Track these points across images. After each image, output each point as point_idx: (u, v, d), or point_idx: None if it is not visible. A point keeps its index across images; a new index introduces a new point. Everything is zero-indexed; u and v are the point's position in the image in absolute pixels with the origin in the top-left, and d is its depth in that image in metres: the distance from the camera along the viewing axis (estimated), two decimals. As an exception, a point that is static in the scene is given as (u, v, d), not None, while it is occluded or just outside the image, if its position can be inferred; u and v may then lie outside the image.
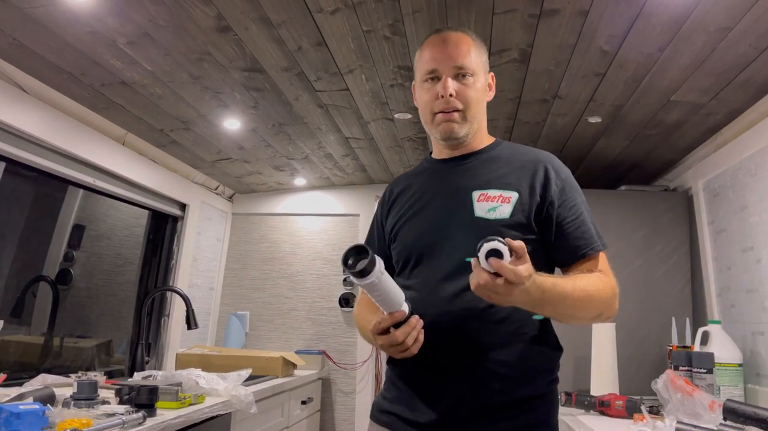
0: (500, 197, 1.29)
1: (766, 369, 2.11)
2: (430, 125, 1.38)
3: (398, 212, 1.43)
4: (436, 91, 1.31)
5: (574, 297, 1.17)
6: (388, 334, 1.18)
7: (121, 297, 3.22)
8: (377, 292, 1.15)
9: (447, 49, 1.32)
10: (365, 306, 1.45)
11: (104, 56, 1.92)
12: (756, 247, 2.17)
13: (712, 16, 1.60)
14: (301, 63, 2.00)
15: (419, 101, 1.41)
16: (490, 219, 1.27)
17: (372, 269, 1.11)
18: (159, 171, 2.94)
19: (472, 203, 1.29)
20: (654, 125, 2.44)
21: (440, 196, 1.36)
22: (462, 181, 1.34)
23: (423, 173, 1.47)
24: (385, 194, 1.52)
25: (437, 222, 1.33)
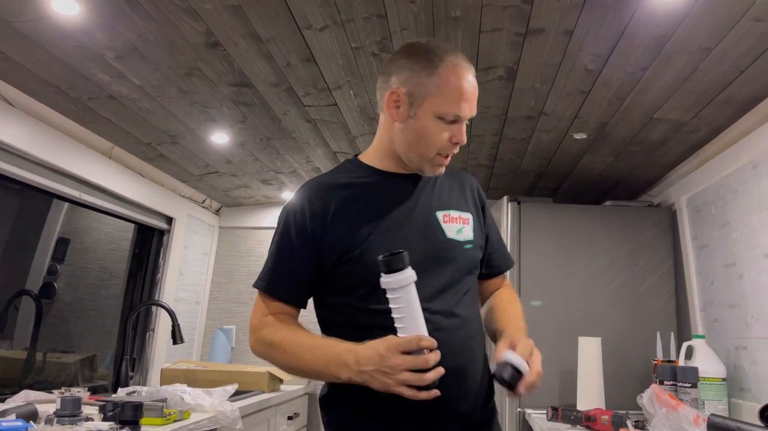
0: (460, 218, 1.31)
1: (749, 384, 2.13)
2: (422, 160, 1.27)
3: (351, 233, 1.24)
4: (452, 135, 1.24)
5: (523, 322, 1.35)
6: (412, 355, 1.06)
7: (105, 311, 3.19)
8: (407, 303, 1.06)
9: (474, 96, 1.26)
10: (291, 331, 1.24)
11: (92, 70, 1.92)
12: (738, 262, 2.21)
13: (693, 37, 1.64)
14: (290, 78, 2.01)
15: (423, 133, 1.25)
16: (460, 241, 1.30)
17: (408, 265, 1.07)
18: (145, 185, 2.93)
19: (440, 224, 1.29)
20: (638, 142, 2.48)
21: (406, 214, 1.28)
22: (424, 200, 1.31)
23: (368, 184, 1.31)
24: (315, 205, 1.28)
25: (406, 242, 1.21)
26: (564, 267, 2.79)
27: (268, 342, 1.25)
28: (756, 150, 2.06)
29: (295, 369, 1.25)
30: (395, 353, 1.06)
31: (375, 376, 1.08)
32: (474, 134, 2.54)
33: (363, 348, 1.12)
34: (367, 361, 1.09)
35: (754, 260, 2.09)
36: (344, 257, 1.23)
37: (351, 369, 1.12)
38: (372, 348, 1.10)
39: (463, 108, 1.23)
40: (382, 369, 1.07)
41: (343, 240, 1.24)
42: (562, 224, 2.83)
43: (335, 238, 1.25)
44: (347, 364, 1.12)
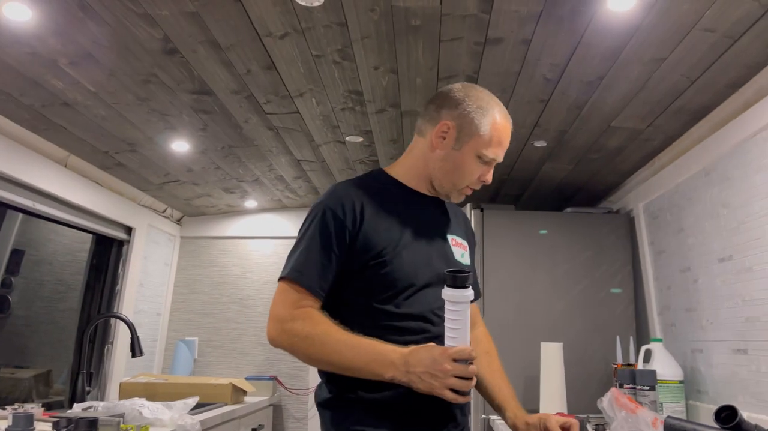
0: (462, 245, 1.47)
1: (705, 386, 2.19)
2: (452, 188, 1.42)
3: (382, 237, 1.33)
4: (482, 174, 1.40)
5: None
6: (460, 364, 1.18)
7: (61, 325, 3.10)
8: (463, 317, 1.19)
9: (507, 145, 1.42)
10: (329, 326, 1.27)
11: (45, 77, 1.87)
12: (693, 267, 2.26)
13: (646, 47, 1.68)
14: (251, 86, 1.99)
15: (459, 166, 1.38)
16: (463, 263, 1.43)
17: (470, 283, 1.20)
18: (103, 194, 2.86)
19: (450, 246, 1.42)
20: (596, 150, 2.53)
21: (429, 231, 1.41)
22: (439, 222, 1.45)
23: (398, 197, 1.42)
24: (348, 208, 1.34)
25: (430, 257, 1.36)
26: (526, 273, 2.82)
27: (303, 334, 1.26)
28: (708, 158, 2.12)
29: (329, 364, 1.28)
30: (447, 359, 1.17)
31: (423, 377, 1.18)
32: (436, 142, 2.55)
33: (410, 351, 1.20)
34: (418, 363, 1.18)
35: (708, 264, 2.15)
36: (373, 260, 1.31)
37: (398, 369, 1.20)
38: (425, 352, 1.19)
39: (499, 153, 1.39)
40: (432, 372, 1.17)
41: (376, 243, 1.32)
42: (525, 231, 2.87)
43: (369, 240, 1.32)
44: (394, 364, 1.20)
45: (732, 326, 1.99)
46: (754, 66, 1.75)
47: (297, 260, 1.32)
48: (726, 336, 2.03)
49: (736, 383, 1.97)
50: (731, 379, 2.00)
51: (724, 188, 2.03)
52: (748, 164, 1.89)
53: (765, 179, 1.80)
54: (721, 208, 2.05)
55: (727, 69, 1.77)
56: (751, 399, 1.88)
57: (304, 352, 1.28)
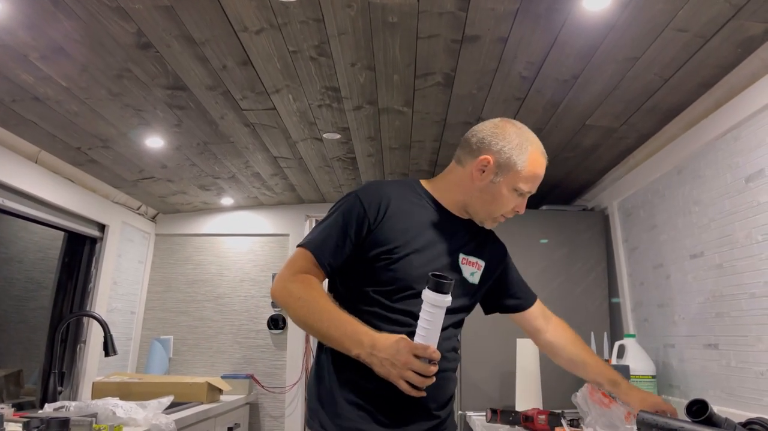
0: (477, 264, 1.55)
1: (677, 380, 2.22)
2: (488, 217, 1.52)
3: (402, 236, 1.44)
4: (516, 205, 1.51)
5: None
6: (420, 360, 1.26)
7: (32, 324, 3.04)
8: (436, 320, 1.26)
9: (540, 181, 1.52)
10: (321, 295, 1.40)
11: (15, 71, 1.83)
12: (665, 263, 2.30)
13: (620, 47, 1.70)
14: (227, 82, 1.97)
15: (497, 197, 1.48)
16: (470, 282, 1.53)
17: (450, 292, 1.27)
18: (76, 191, 2.81)
19: (459, 264, 1.51)
20: (572, 148, 2.56)
21: (441, 245, 1.49)
22: (454, 239, 1.52)
23: (424, 209, 1.52)
24: (373, 203, 1.46)
25: (440, 270, 1.41)
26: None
27: (297, 295, 1.38)
28: (680, 156, 2.16)
29: (309, 327, 1.39)
30: (409, 353, 1.25)
31: (384, 364, 1.27)
32: (414, 140, 2.56)
33: (381, 337, 1.29)
34: (383, 349, 1.27)
35: (680, 261, 2.18)
36: (384, 255, 1.42)
37: (364, 349, 1.29)
38: (391, 340, 1.28)
39: (533, 188, 1.50)
40: (392, 360, 1.26)
41: (390, 239, 1.43)
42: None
43: (384, 235, 1.43)
44: (362, 343, 1.29)
45: (703, 321, 2.03)
46: (725, 66, 1.78)
47: (316, 234, 1.46)
48: (697, 331, 2.07)
49: (706, 377, 2.01)
50: (702, 374, 2.04)
51: (696, 186, 2.07)
52: (719, 162, 1.93)
53: (735, 177, 1.84)
54: (692, 205, 2.09)
55: (699, 69, 1.80)
56: (721, 393, 1.92)
57: (293, 311, 1.39)
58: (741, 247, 1.81)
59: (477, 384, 2.73)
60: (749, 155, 1.77)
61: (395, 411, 1.40)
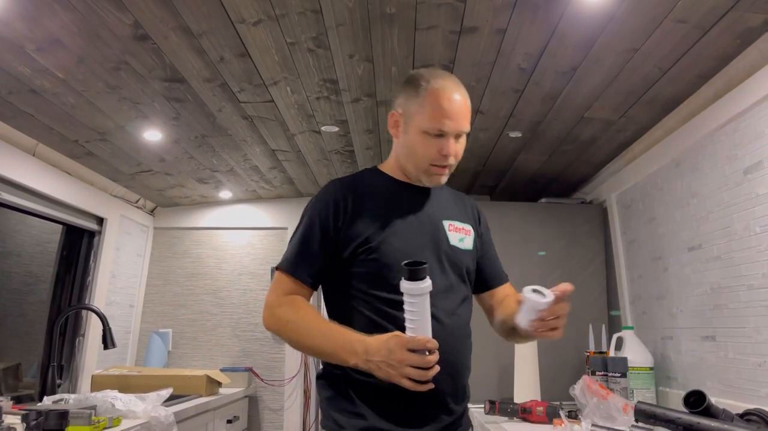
0: (463, 230, 1.50)
1: (675, 372, 2.23)
2: (419, 171, 1.44)
3: (369, 226, 1.40)
4: (440, 148, 1.40)
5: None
6: (416, 354, 1.22)
7: (31, 318, 3.04)
8: (421, 308, 1.21)
9: (458, 113, 1.40)
10: (309, 313, 1.38)
11: (12, 63, 1.82)
12: (663, 256, 2.30)
13: (619, 38, 1.70)
14: (224, 74, 1.97)
15: (413, 147, 1.42)
16: (461, 249, 1.47)
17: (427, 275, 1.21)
18: (74, 184, 2.80)
19: (446, 231, 1.46)
20: (570, 141, 2.55)
21: (416, 220, 1.44)
22: (432, 210, 1.48)
23: (386, 190, 1.48)
24: (339, 202, 1.43)
25: (419, 244, 1.41)
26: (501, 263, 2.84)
27: (285, 319, 1.39)
28: (678, 149, 2.16)
29: (305, 347, 1.40)
30: (402, 349, 1.22)
31: (381, 366, 1.24)
32: (412, 132, 2.55)
33: (373, 341, 1.26)
34: (376, 352, 1.25)
35: (678, 253, 2.18)
36: (361, 248, 1.38)
37: (359, 357, 1.27)
38: (382, 341, 1.25)
39: (445, 124, 1.38)
40: (388, 361, 1.23)
41: (361, 231, 1.39)
42: (500, 221, 2.89)
43: (354, 230, 1.40)
44: (356, 352, 1.27)
45: (701, 313, 2.03)
46: (724, 57, 1.77)
47: (289, 252, 1.46)
48: (695, 323, 2.08)
49: (704, 369, 2.02)
50: (700, 365, 2.04)
51: (694, 178, 2.07)
52: (717, 154, 1.93)
53: (734, 169, 1.84)
54: (691, 197, 2.09)
55: (698, 60, 1.79)
56: (718, 385, 1.92)
57: (286, 336, 1.39)
58: (739, 239, 1.81)
59: (475, 376, 2.72)
60: (748, 146, 1.77)
61: (411, 406, 1.34)
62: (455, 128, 1.39)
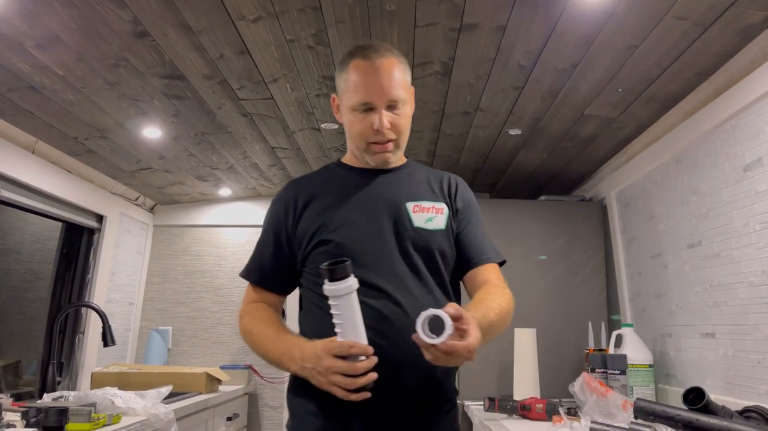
0: (433, 209, 1.38)
1: (674, 369, 2.23)
2: (361, 152, 1.38)
3: (319, 219, 1.34)
4: (371, 123, 1.31)
5: (498, 321, 1.26)
6: (345, 361, 1.11)
7: (30, 315, 3.04)
8: (346, 311, 1.10)
9: (380, 80, 1.30)
10: (263, 321, 1.35)
11: (11, 59, 1.82)
12: (663, 253, 2.30)
13: (619, 35, 1.70)
14: (224, 71, 1.96)
15: (350, 128, 1.36)
16: (430, 230, 1.35)
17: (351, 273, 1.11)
18: (73, 181, 2.80)
19: (409, 214, 1.35)
20: (570, 138, 2.55)
21: (371, 205, 1.35)
22: (391, 192, 1.38)
23: (339, 180, 1.42)
24: (289, 201, 1.40)
25: (374, 231, 1.32)
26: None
27: (247, 329, 1.37)
28: (678, 145, 2.15)
29: (262, 356, 1.34)
30: (329, 356, 1.13)
31: (312, 374, 1.17)
32: (413, 130, 2.53)
33: (308, 346, 1.19)
34: (308, 359, 1.17)
35: (677, 251, 2.19)
36: (315, 240, 1.33)
37: (297, 364, 1.20)
38: (313, 347, 1.17)
39: (365, 96, 1.30)
40: (318, 368, 1.15)
41: (312, 224, 1.34)
42: (499, 219, 2.89)
43: (307, 223, 1.35)
44: (294, 358, 1.21)
45: (700, 311, 2.03)
46: (724, 54, 1.77)
47: (251, 259, 1.46)
48: (694, 320, 2.08)
49: (704, 366, 2.02)
50: (699, 363, 2.05)
51: (694, 176, 2.07)
52: (717, 151, 1.93)
53: (733, 166, 1.84)
54: (690, 195, 2.09)
55: (698, 57, 1.79)
56: (718, 382, 1.92)
57: (250, 346, 1.37)
58: (739, 236, 1.81)
59: (475, 373, 2.73)
60: (748, 143, 1.77)
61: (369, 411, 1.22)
62: (381, 97, 1.30)
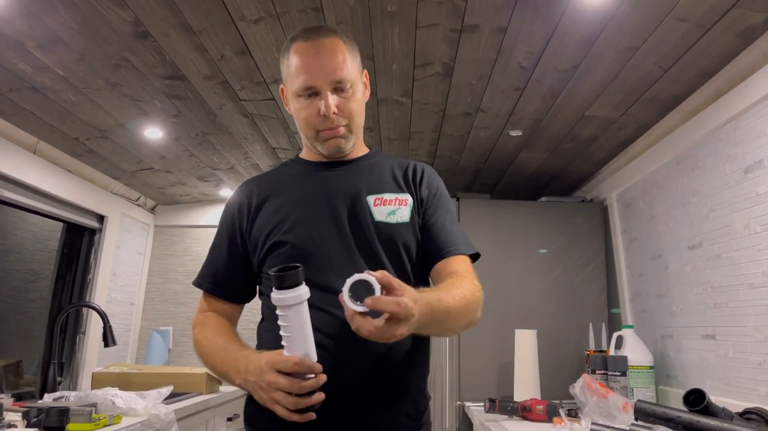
0: (396, 200, 1.27)
1: (674, 371, 2.23)
2: (311, 141, 1.28)
3: (273, 218, 1.25)
4: (317, 108, 1.22)
5: (457, 308, 1.10)
6: (292, 378, 0.99)
7: (31, 315, 3.04)
8: (294, 322, 0.97)
9: (322, 61, 1.21)
10: (213, 331, 1.25)
11: (12, 60, 1.82)
12: (664, 254, 2.30)
13: (620, 36, 1.69)
14: (225, 71, 1.96)
15: (297, 116, 1.27)
16: (393, 223, 1.24)
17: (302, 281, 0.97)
18: (74, 181, 2.81)
19: (369, 207, 1.25)
20: (571, 139, 2.55)
21: (329, 200, 1.26)
22: (351, 186, 1.28)
23: (297, 176, 1.33)
24: (243, 202, 1.31)
25: (332, 228, 1.22)
26: (501, 261, 2.85)
27: (196, 340, 1.27)
28: (679, 147, 2.15)
29: (211, 369, 1.23)
30: (271, 370, 1.01)
31: (254, 388, 1.05)
32: (414, 131, 2.55)
33: (254, 357, 1.07)
34: (251, 372, 1.06)
35: (678, 252, 2.18)
36: (268, 243, 1.24)
37: (241, 376, 1.09)
38: (258, 359, 1.05)
39: (306, 80, 1.21)
40: (259, 383, 1.03)
41: (265, 226, 1.26)
42: (500, 219, 2.89)
43: (258, 225, 1.27)
44: (239, 370, 1.10)
45: (701, 312, 2.03)
46: (725, 56, 1.77)
47: (203, 266, 1.36)
48: (695, 322, 2.07)
49: (704, 368, 2.02)
50: (700, 364, 2.04)
51: (695, 177, 2.06)
52: (718, 152, 1.92)
53: (734, 167, 1.84)
54: (691, 196, 2.09)
55: (699, 59, 1.79)
56: (718, 383, 1.92)
57: (199, 358, 1.25)
58: (740, 237, 1.81)
59: (475, 374, 2.73)
60: (748, 145, 1.77)
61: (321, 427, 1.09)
62: (324, 79, 1.21)
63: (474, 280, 1.21)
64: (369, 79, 1.36)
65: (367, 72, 1.35)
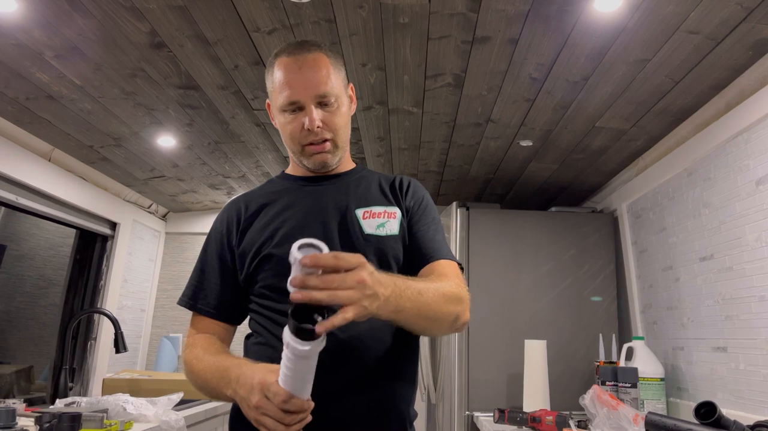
0: (385, 213, 1.28)
1: (686, 383, 2.22)
2: (298, 156, 1.29)
3: (262, 233, 1.25)
4: (302, 123, 1.23)
5: (432, 294, 1.07)
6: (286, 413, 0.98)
7: (43, 321, 3.06)
8: (300, 371, 0.95)
9: (305, 76, 1.22)
10: (203, 350, 1.22)
11: (30, 69, 1.85)
12: (674, 266, 2.30)
13: (631, 48, 1.70)
14: (238, 81, 1.99)
15: (282, 131, 1.28)
16: (383, 236, 1.25)
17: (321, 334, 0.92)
18: (88, 189, 2.84)
19: (358, 221, 1.25)
20: (581, 150, 2.56)
21: (318, 215, 1.26)
22: (340, 200, 1.28)
23: (284, 191, 1.32)
24: (231, 218, 1.32)
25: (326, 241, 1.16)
26: (511, 272, 2.84)
27: (186, 362, 1.23)
28: (690, 158, 2.15)
29: (202, 389, 1.19)
30: (260, 394, 0.99)
31: (243, 403, 1.04)
32: (424, 140, 2.57)
33: (248, 369, 1.05)
34: (243, 386, 1.04)
35: (689, 263, 2.18)
36: (257, 258, 1.23)
37: (230, 387, 1.07)
38: (252, 373, 1.03)
39: (290, 95, 1.22)
40: (247, 400, 1.02)
41: (254, 241, 1.25)
42: (509, 229, 2.89)
43: (247, 241, 1.26)
44: (229, 381, 1.08)
45: (712, 324, 2.02)
46: (737, 68, 1.78)
47: (188, 285, 1.33)
48: (706, 334, 2.07)
49: (715, 380, 2.01)
50: (711, 376, 2.03)
51: (706, 188, 2.06)
52: (729, 164, 1.92)
53: (746, 179, 1.83)
54: (702, 208, 2.09)
55: (710, 71, 1.80)
56: (730, 396, 1.91)
57: (191, 381, 1.22)
58: (751, 250, 1.81)
59: (484, 384, 2.73)
60: (760, 157, 1.77)
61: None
62: (308, 93, 1.21)
63: (459, 280, 1.20)
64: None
65: (353, 86, 1.36)
